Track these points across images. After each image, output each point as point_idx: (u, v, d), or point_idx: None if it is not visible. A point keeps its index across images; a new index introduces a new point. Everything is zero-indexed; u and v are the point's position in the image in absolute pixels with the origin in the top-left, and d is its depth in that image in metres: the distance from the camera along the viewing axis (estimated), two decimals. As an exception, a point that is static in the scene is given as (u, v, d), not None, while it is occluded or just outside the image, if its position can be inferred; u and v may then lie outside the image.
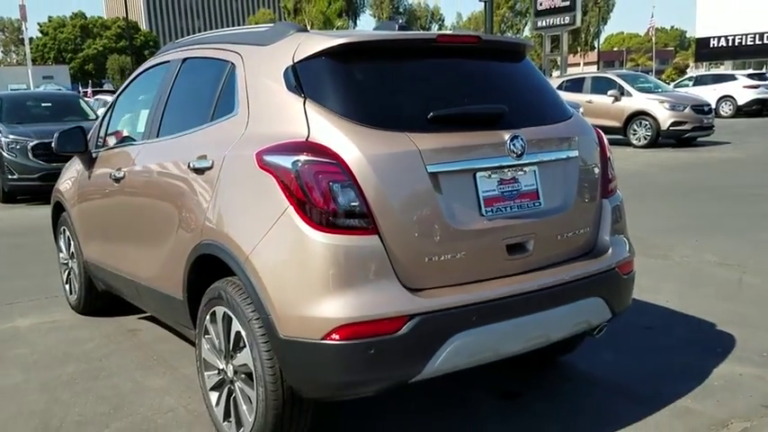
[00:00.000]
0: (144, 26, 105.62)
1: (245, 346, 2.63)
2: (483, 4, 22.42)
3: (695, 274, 5.30)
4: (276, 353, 2.49)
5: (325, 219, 2.37)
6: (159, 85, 3.60)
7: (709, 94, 22.83)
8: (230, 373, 2.80)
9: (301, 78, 2.63)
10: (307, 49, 2.66)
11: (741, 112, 24.79)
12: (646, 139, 15.15)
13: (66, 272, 4.92)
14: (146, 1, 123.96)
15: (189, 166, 3.00)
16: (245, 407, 2.70)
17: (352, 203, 2.38)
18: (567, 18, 28.99)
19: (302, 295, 2.38)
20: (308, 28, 3.21)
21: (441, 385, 3.28)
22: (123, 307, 4.83)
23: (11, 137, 10.47)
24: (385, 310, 2.35)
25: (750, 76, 26.85)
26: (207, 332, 2.93)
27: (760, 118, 24.10)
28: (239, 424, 2.75)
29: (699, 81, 26.69)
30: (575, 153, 2.91)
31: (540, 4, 29.84)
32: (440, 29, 77.07)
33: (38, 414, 3.29)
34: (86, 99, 13.83)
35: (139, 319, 4.71)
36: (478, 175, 2.61)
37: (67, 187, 4.59)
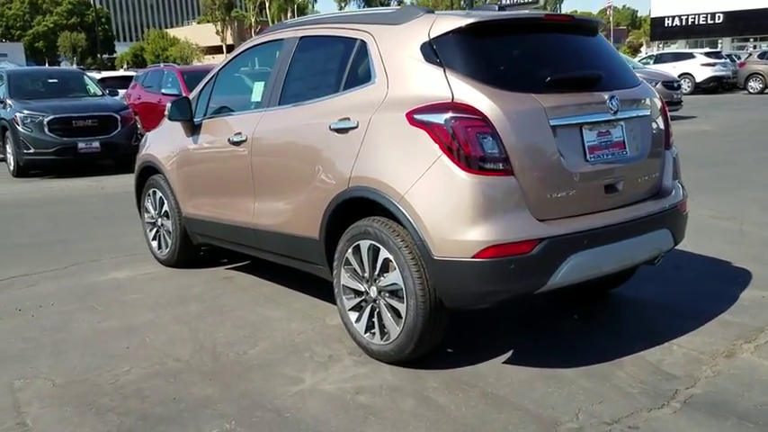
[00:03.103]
0: (96, 2, 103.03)
1: (394, 270, 3.26)
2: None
3: (700, 226, 6.06)
4: (429, 271, 3.13)
5: (473, 163, 3.01)
6: (276, 60, 4.16)
7: (669, 71, 24.02)
8: (373, 294, 3.43)
9: (438, 51, 3.24)
10: (441, 27, 3.28)
11: (699, 89, 26.04)
12: (621, 113, 15.99)
13: (154, 230, 5.44)
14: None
15: (329, 128, 3.59)
16: (390, 319, 3.33)
17: (495, 151, 3.03)
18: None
19: (455, 224, 3.03)
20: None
21: (530, 312, 3.99)
22: (209, 260, 5.42)
23: (26, 112, 10.73)
24: (522, 235, 3.02)
25: (708, 54, 28.19)
26: (348, 263, 3.54)
27: (716, 94, 25.42)
28: (383, 332, 3.39)
29: (659, 59, 27.87)
30: (647, 112, 3.62)
31: (502, -16, 30.58)
32: (399, 5, 77.20)
33: (189, 339, 3.87)
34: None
35: (227, 269, 5.28)
36: (584, 128, 3.28)
37: (164, 151, 5.10)
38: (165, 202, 5.19)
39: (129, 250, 5.93)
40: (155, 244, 5.47)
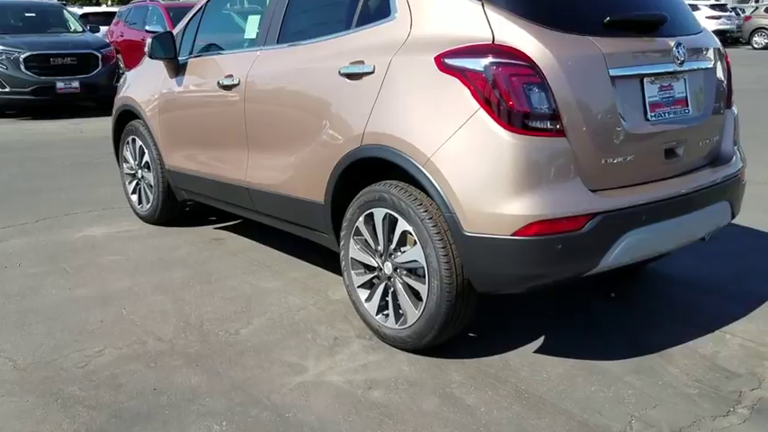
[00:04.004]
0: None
1: (414, 244, 2.76)
2: None
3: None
4: (457, 248, 2.64)
5: (518, 120, 2.48)
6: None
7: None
8: (388, 270, 2.93)
9: (476, -17, 2.67)
10: (481, -46, 2.69)
11: (703, 42, 25.31)
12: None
13: (134, 183, 4.89)
14: None
15: (339, 73, 3.03)
16: (407, 300, 2.85)
17: (545, 106, 2.50)
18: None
19: (492, 194, 2.52)
20: None
21: (558, 288, 3.52)
22: (196, 217, 4.90)
23: (0, 47, 9.97)
24: (572, 209, 2.52)
25: (713, 6, 27.35)
26: (358, 233, 3.04)
27: (722, 48, 24.70)
28: (398, 315, 2.91)
29: (663, 10, 26.96)
30: (711, 64, 3.08)
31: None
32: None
33: (172, 313, 3.38)
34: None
35: (217, 228, 4.77)
36: (645, 80, 2.75)
37: (144, 94, 4.52)
38: (146, 151, 4.63)
39: (107, 203, 5.40)
40: (134, 198, 4.93)
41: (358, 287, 3.10)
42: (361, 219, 3.00)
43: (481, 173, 2.54)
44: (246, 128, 3.64)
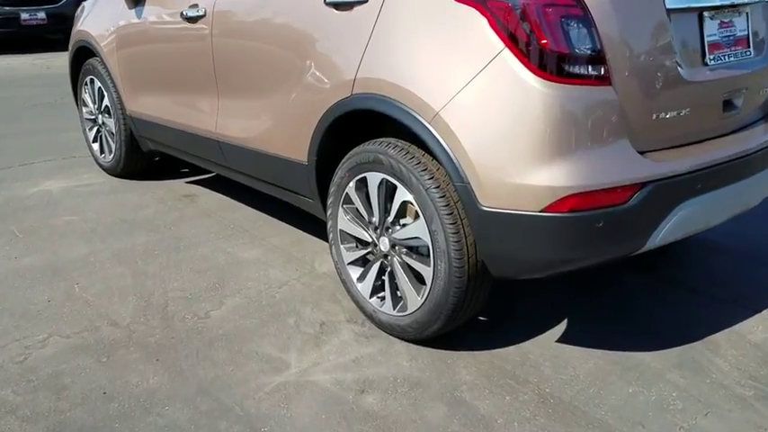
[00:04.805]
0: None
1: (417, 218, 2.26)
2: None
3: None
4: (471, 226, 2.14)
5: (553, 64, 1.95)
6: None
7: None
8: (384, 247, 2.44)
9: None
10: None
11: None
12: None
13: (95, 129, 4.33)
14: None
15: (324, 1, 2.46)
16: (408, 284, 2.37)
17: (587, 45, 1.96)
18: None
19: (518, 159, 2.00)
20: None
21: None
22: (166, 169, 4.36)
23: (-43, -25, 9.17)
24: (618, 177, 2.01)
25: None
26: (348, 201, 2.54)
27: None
28: (396, 300, 2.44)
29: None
30: (775, -5, 2.52)
31: None
32: None
33: (132, 290, 2.89)
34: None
35: (189, 182, 4.24)
36: (705, 15, 2.20)
37: (101, 28, 3.91)
38: (105, 94, 4.04)
39: (68, 151, 4.85)
40: (96, 147, 4.37)
41: (348, 264, 2.62)
42: (351, 184, 2.49)
43: (504, 132, 2.01)
44: (215, 68, 3.07)
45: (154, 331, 2.58)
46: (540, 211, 2.00)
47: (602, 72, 1.98)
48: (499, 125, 2.01)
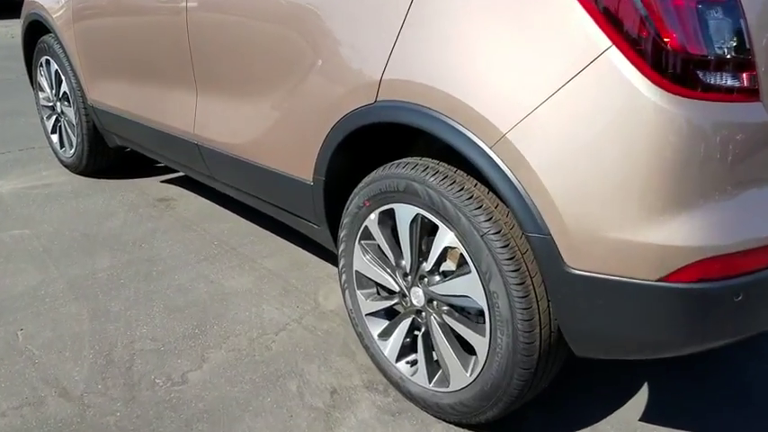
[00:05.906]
0: None
1: (467, 273, 1.65)
2: None
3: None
4: (551, 291, 1.54)
5: (685, 71, 1.32)
6: None
7: None
8: (418, 301, 1.84)
9: None
10: None
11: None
12: None
13: (53, 118, 3.66)
14: None
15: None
16: (451, 353, 1.78)
17: (732, 45, 1.33)
18: None
19: (627, 206, 1.39)
20: None
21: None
22: (138, 164, 3.72)
23: None
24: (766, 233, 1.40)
25: None
26: (367, 236, 1.92)
27: None
28: (433, 369, 1.85)
29: None
30: None
31: None
32: None
33: (89, 338, 2.28)
34: None
35: (165, 181, 3.60)
36: None
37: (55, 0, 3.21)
38: (63, 78, 3.37)
39: (27, 141, 4.19)
40: (55, 139, 3.71)
41: (367, 315, 2.01)
42: (373, 216, 1.87)
43: (606, 166, 1.39)
44: (192, 52, 2.41)
45: (114, 405, 1.97)
46: (658, 281, 1.39)
47: (751, 83, 1.36)
48: (600, 157, 1.39)
